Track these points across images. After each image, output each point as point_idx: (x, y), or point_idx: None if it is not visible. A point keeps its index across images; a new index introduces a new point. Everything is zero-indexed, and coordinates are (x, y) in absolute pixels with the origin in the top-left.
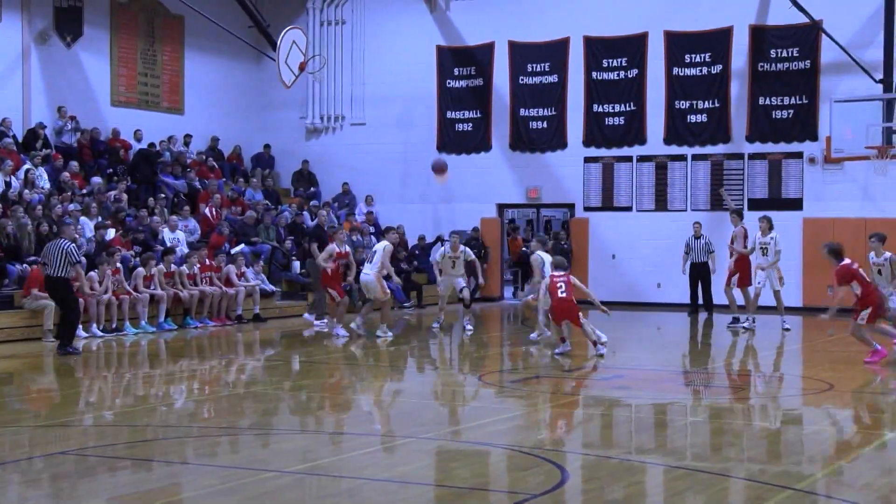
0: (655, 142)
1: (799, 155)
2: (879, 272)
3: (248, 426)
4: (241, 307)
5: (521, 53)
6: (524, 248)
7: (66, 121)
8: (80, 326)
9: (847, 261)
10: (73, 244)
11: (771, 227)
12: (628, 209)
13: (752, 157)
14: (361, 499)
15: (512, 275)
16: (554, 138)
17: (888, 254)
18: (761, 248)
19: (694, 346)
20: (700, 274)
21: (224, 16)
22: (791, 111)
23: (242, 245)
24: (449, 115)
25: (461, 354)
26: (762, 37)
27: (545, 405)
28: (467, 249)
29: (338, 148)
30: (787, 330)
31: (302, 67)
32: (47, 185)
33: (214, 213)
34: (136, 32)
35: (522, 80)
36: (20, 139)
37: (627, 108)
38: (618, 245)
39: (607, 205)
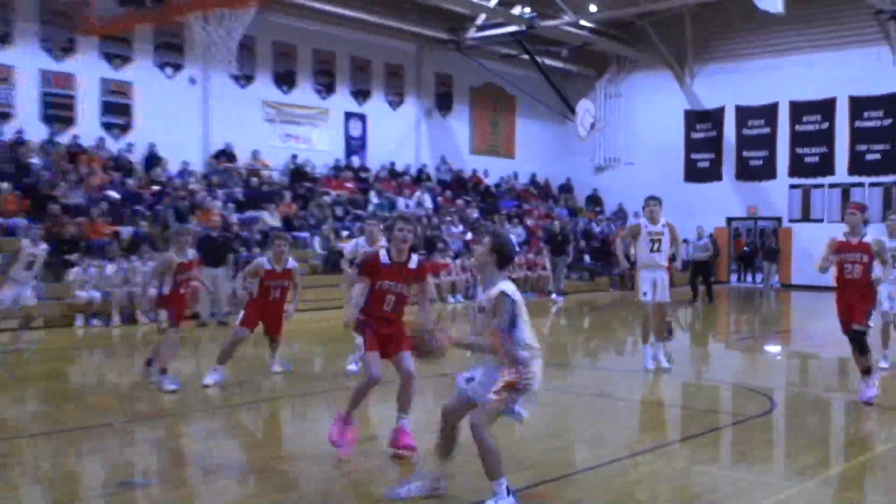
0: (841, 173)
1: None
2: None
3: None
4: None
5: (744, 113)
6: (745, 248)
7: (442, 164)
8: None
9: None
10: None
11: None
12: (820, 221)
13: None
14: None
15: (736, 266)
16: (767, 171)
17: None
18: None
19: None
20: None
21: (542, 93)
22: None
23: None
24: (692, 156)
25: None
26: None
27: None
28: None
29: (615, 180)
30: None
31: (592, 126)
32: (430, 206)
33: (534, 223)
34: (486, 106)
35: (745, 131)
36: (412, 176)
37: (821, 151)
38: (813, 246)
39: (805, 218)
